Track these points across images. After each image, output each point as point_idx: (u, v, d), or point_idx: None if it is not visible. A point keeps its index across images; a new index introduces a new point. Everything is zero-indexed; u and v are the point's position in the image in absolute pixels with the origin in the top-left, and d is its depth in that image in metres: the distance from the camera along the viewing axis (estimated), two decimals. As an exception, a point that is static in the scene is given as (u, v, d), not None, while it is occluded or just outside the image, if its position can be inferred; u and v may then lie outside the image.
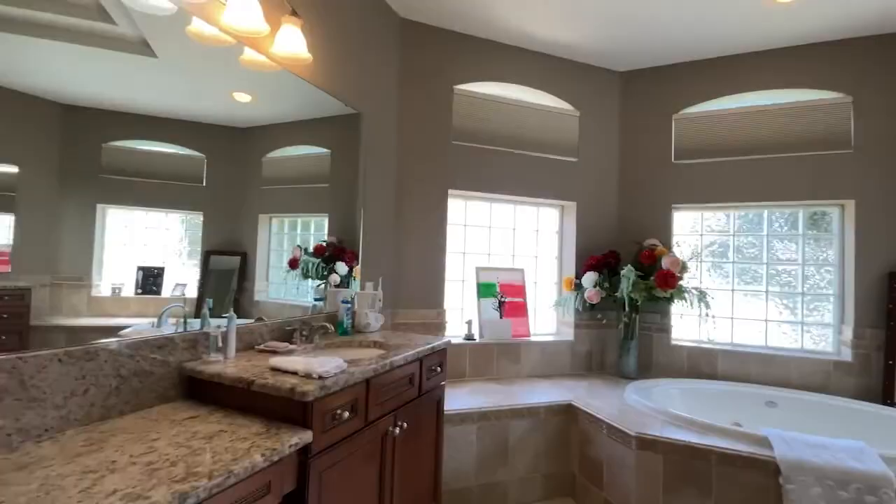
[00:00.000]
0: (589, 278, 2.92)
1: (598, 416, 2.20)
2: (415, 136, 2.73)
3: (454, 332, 2.94)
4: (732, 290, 3.04)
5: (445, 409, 2.13)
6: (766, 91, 2.90)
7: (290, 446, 1.08)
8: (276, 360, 1.33)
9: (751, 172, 2.91)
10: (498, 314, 3.00)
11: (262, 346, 1.59)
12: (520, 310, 3.11)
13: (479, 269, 3.04)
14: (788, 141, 2.84)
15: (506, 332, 2.95)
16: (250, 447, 1.01)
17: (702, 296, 2.74)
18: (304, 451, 1.16)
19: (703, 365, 2.95)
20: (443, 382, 1.98)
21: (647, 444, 1.93)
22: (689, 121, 3.10)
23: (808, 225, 2.89)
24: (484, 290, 3.01)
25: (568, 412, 2.40)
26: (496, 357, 2.86)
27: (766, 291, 2.95)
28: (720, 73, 3.02)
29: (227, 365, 1.36)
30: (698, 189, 3.05)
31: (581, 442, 2.32)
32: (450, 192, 2.83)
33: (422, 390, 1.78)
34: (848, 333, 2.67)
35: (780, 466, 1.73)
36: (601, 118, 3.26)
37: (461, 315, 3.00)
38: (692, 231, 3.17)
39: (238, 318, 1.56)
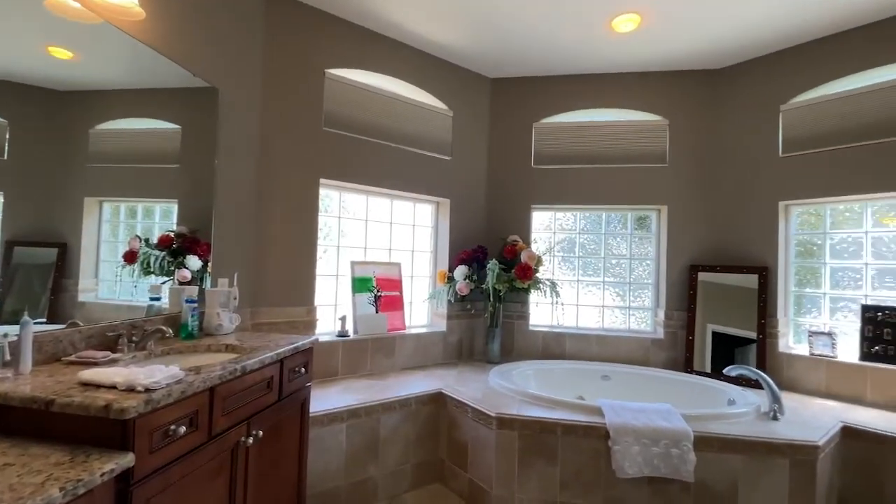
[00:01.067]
0: (460, 271, 3.07)
1: (463, 400, 2.33)
2: (282, 118, 2.54)
3: (327, 329, 2.83)
4: (577, 280, 3.48)
5: (313, 410, 2.04)
6: (607, 109, 3.37)
7: (104, 474, 0.91)
8: (89, 373, 1.11)
9: (594, 179, 3.36)
10: (374, 309, 2.97)
11: (72, 357, 1.31)
12: (396, 303, 3.13)
13: (354, 264, 2.97)
14: (623, 153, 3.34)
15: (382, 327, 2.94)
16: (45, 481, 0.83)
17: (553, 286, 3.09)
18: (124, 478, 0.99)
19: (554, 347, 3.33)
20: (308, 384, 1.89)
21: (506, 423, 2.11)
22: (547, 130, 3.45)
23: (635, 225, 3.45)
24: (359, 284, 2.96)
25: (438, 400, 2.50)
26: (371, 352, 2.83)
27: (603, 282, 3.45)
28: (572, 90, 3.41)
29: (17, 382, 1.10)
30: (553, 192, 3.41)
31: (449, 427, 2.43)
32: (322, 181, 2.71)
33: (283, 394, 1.67)
34: (661, 315, 3.26)
35: (609, 431, 2.03)
36: (473, 120, 3.44)
37: (334, 311, 2.90)
38: (547, 229, 3.54)
39: (51, 323, 1.28)
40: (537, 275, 3.07)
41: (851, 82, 2.65)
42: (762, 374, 2.33)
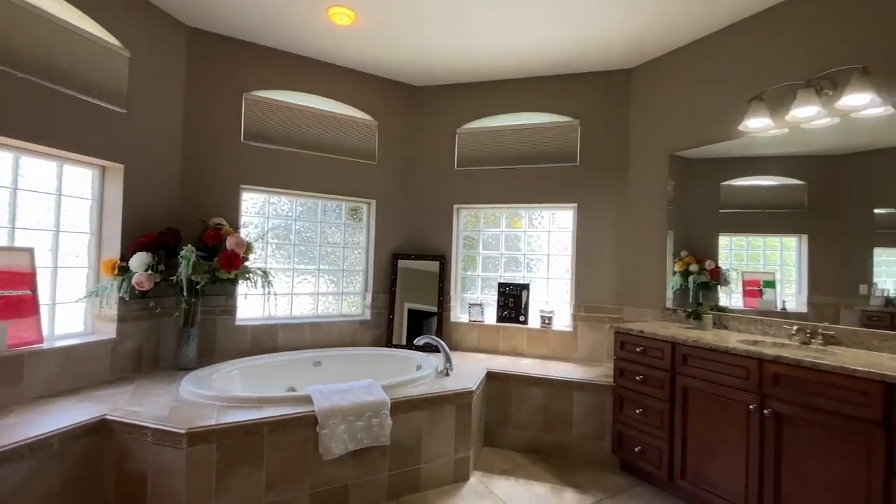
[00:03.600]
0: (139, 260, 2.43)
1: (140, 423, 1.86)
2: None
3: None
4: (293, 268, 3.38)
5: None
6: (323, 97, 3.37)
7: None
8: None
9: (310, 166, 3.32)
10: (-24, 317, 1.98)
11: None
12: (25, 307, 2.19)
13: (-71, 250, 1.89)
14: (338, 145, 3.43)
15: (-6, 342, 2.00)
16: None
17: (265, 275, 2.88)
18: None
19: (265, 340, 3.13)
20: None
21: (200, 438, 1.81)
22: (259, 104, 3.15)
23: (349, 215, 3.63)
24: (-57, 281, 1.91)
25: (99, 431, 1.91)
26: (-30, 382, 1.89)
27: (318, 269, 3.49)
28: (288, 68, 3.24)
29: None
30: (266, 173, 3.17)
31: (119, 461, 1.90)
32: None
33: None
34: (369, 299, 3.58)
35: (317, 417, 2.05)
36: (161, 68, 2.76)
37: None
38: (260, 213, 3.27)
39: None
40: (246, 263, 2.79)
41: (504, 120, 3.57)
42: (439, 340, 2.89)
